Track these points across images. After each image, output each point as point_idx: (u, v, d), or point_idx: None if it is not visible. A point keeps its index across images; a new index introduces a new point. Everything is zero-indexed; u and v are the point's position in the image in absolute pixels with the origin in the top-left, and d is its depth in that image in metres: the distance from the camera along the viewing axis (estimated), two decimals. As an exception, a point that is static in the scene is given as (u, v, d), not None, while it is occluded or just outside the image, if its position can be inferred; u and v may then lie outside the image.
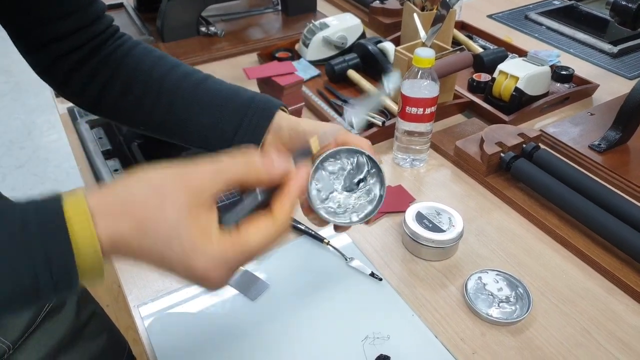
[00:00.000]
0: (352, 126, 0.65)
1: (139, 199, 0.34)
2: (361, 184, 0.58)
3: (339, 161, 0.56)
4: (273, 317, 0.73)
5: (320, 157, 0.54)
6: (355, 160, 0.57)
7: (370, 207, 0.58)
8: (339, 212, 0.57)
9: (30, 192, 2.41)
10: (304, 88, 1.17)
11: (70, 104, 1.19)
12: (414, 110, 0.94)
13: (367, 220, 0.58)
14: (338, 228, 0.60)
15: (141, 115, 0.69)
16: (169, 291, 0.76)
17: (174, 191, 0.35)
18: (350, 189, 0.58)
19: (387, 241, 0.86)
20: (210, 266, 0.35)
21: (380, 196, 0.58)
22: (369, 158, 0.57)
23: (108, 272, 0.35)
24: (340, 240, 0.85)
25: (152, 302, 0.75)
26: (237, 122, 0.64)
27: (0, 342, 0.66)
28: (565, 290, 0.77)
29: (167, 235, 0.34)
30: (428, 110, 0.94)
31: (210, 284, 0.37)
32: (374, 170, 0.58)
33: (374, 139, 1.07)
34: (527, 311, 0.72)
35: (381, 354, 0.67)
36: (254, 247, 0.37)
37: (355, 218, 0.58)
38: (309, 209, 0.55)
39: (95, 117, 1.11)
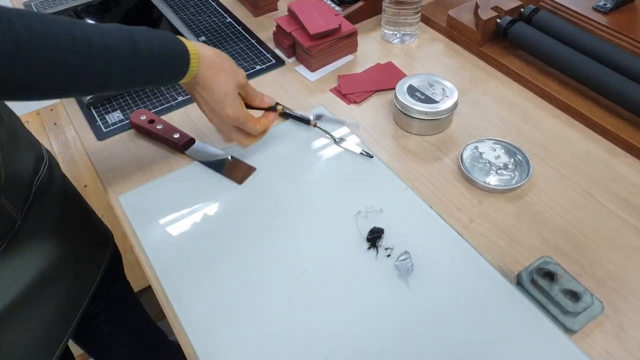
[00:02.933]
0: None
1: (224, 67, 0.67)
2: None
3: None
4: (262, 198, 0.69)
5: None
6: None
7: None
8: None
9: None
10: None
11: (27, -2, 1.09)
12: (402, -27, 0.85)
13: None
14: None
15: None
16: (149, 180, 0.72)
17: (236, 75, 0.67)
18: None
19: (378, 120, 0.81)
20: (233, 116, 0.67)
21: None
22: None
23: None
24: (328, 123, 0.79)
25: (132, 191, 0.71)
26: None
27: (10, 209, 0.64)
28: (566, 154, 0.73)
29: (224, 91, 0.66)
30: (418, -26, 0.85)
31: (227, 122, 0.68)
32: None
33: (359, 17, 0.99)
34: (526, 177, 0.68)
35: (374, 227, 0.64)
36: (249, 126, 0.69)
37: None
38: None
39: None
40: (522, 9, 0.88)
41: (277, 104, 0.73)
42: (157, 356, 1.12)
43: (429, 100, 0.76)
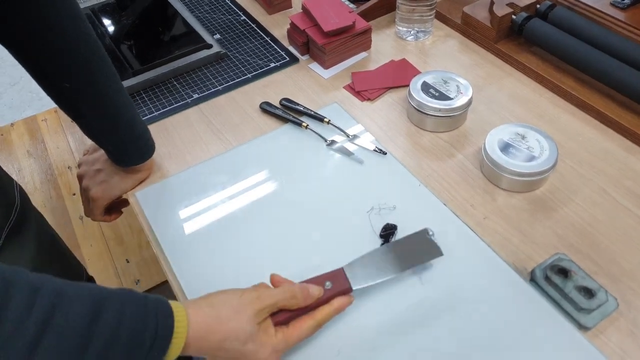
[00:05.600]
0: None
1: (224, 317, 0.49)
2: None
3: None
4: (277, 195, 0.70)
5: None
6: None
7: None
8: None
9: (28, 110, 2.37)
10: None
11: None
12: (416, -30, 0.85)
13: None
14: None
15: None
16: (166, 176, 0.73)
17: (247, 311, 0.50)
18: None
19: (391, 117, 0.81)
20: (272, 353, 0.51)
21: None
22: None
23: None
24: (341, 119, 0.80)
25: (149, 187, 0.72)
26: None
27: None
28: (582, 152, 0.72)
29: (245, 338, 0.49)
30: (432, -30, 0.85)
31: None
32: None
33: (374, 14, 0.99)
34: (552, 164, 0.66)
35: (388, 223, 0.64)
36: (294, 340, 0.52)
37: None
38: None
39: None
40: (538, 5, 0.87)
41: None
42: None
43: (443, 97, 0.76)
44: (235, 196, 0.70)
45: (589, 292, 0.55)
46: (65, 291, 0.42)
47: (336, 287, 0.54)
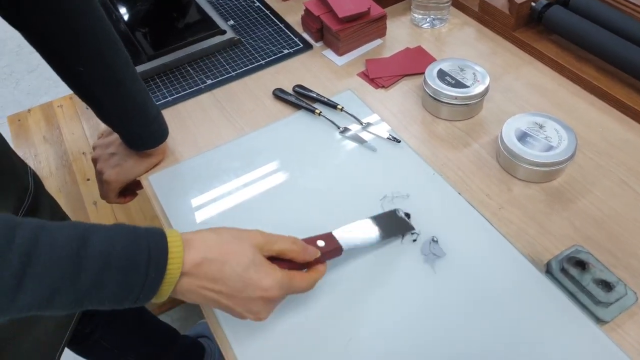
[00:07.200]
0: None
1: (225, 240, 0.48)
2: None
3: None
4: (290, 181, 0.69)
5: None
6: None
7: None
8: None
9: (44, 96, 2.39)
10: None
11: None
12: (434, -44, 0.83)
13: None
14: None
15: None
16: (179, 161, 0.73)
17: (249, 239, 0.49)
18: None
19: (406, 104, 0.80)
20: (275, 285, 0.48)
21: None
22: None
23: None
24: (355, 106, 0.79)
25: (162, 171, 0.72)
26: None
27: None
28: (602, 143, 0.71)
29: (246, 263, 0.47)
30: (450, -44, 0.83)
31: (269, 300, 0.49)
32: None
33: (389, 1, 0.98)
34: (571, 154, 0.65)
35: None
36: (297, 286, 0.51)
37: None
38: None
39: None
40: (558, -8, 0.85)
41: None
42: (169, 356, 1.09)
43: (459, 84, 0.74)
44: (248, 183, 0.69)
45: (607, 285, 0.54)
46: (47, 224, 0.41)
47: (328, 245, 0.55)
